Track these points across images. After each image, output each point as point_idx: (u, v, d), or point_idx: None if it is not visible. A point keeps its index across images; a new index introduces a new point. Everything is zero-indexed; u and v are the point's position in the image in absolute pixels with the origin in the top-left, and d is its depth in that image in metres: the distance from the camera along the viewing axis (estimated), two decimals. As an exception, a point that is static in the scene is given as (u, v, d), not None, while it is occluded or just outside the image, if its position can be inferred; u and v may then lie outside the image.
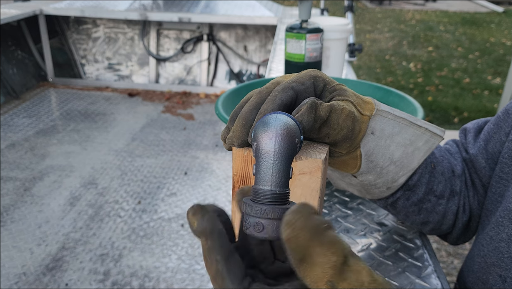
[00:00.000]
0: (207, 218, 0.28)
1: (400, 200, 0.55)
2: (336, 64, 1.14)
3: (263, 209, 0.29)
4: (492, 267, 0.53)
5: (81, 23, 3.57)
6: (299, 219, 0.25)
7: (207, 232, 0.27)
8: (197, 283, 1.59)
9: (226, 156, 2.51)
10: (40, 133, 2.71)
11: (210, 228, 0.27)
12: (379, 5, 9.75)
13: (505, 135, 0.57)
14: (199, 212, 0.28)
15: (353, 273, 0.25)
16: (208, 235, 0.27)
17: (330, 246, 0.25)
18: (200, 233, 0.28)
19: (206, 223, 0.28)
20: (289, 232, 0.25)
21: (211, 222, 0.28)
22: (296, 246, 0.25)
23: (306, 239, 0.25)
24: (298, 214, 0.25)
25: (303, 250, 0.25)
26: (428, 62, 5.28)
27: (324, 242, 0.25)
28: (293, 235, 0.25)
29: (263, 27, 3.37)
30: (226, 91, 0.74)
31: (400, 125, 0.47)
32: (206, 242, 0.27)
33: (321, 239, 0.25)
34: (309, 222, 0.25)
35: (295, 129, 0.31)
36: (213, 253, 0.27)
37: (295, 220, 0.25)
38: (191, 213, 0.28)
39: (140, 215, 1.96)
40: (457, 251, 2.02)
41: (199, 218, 0.28)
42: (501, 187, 0.56)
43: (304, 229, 0.25)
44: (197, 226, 0.28)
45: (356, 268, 0.25)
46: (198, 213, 0.28)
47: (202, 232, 0.27)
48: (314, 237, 0.25)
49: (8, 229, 1.84)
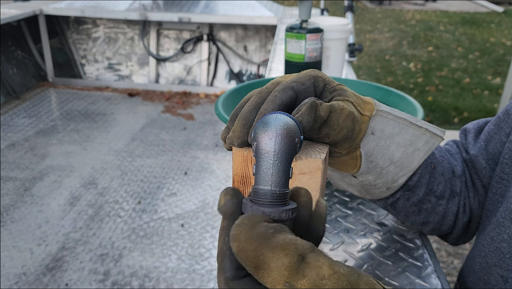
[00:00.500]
0: (234, 202, 0.29)
1: (400, 200, 0.55)
2: (336, 64, 1.14)
3: (263, 210, 0.29)
4: (493, 267, 0.53)
5: (81, 23, 3.57)
6: (242, 231, 0.26)
7: (228, 213, 0.29)
8: (197, 283, 1.59)
9: (226, 156, 2.51)
10: (40, 133, 2.71)
11: (231, 211, 0.29)
12: (379, 5, 9.75)
13: (506, 135, 0.57)
14: (230, 194, 0.30)
15: (312, 269, 0.25)
16: (227, 216, 0.29)
17: (280, 249, 0.25)
18: (222, 211, 0.29)
19: (230, 205, 0.29)
20: (236, 246, 0.26)
21: (235, 206, 0.29)
22: (246, 258, 0.26)
23: (254, 249, 0.26)
24: (241, 227, 0.26)
25: (255, 259, 0.26)
26: (428, 62, 5.28)
27: (274, 247, 0.25)
28: (240, 248, 0.26)
29: (263, 27, 3.37)
30: (226, 91, 0.74)
31: (400, 125, 0.47)
32: (223, 221, 0.29)
33: (270, 244, 0.25)
34: (254, 232, 0.26)
35: (295, 129, 0.31)
36: (224, 233, 0.29)
37: (239, 233, 0.26)
38: (224, 192, 0.30)
39: (140, 215, 1.96)
40: (457, 251, 2.02)
41: (227, 199, 0.29)
42: (502, 187, 0.56)
43: (249, 241, 0.26)
44: (222, 205, 0.29)
45: (316, 263, 0.25)
46: (229, 195, 0.30)
47: (224, 211, 0.29)
48: (262, 244, 0.25)
49: (8, 229, 1.84)
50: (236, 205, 0.29)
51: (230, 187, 0.30)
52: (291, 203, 0.31)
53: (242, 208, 0.30)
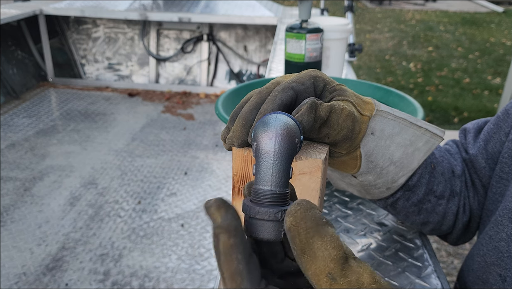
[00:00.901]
0: (231, 214, 0.26)
1: (400, 200, 0.55)
2: (336, 64, 1.14)
3: (264, 210, 0.29)
4: (492, 266, 0.53)
5: (81, 23, 3.57)
6: (300, 209, 0.26)
7: (231, 228, 0.26)
8: (197, 283, 1.59)
9: (226, 156, 2.51)
10: (40, 133, 2.71)
11: (235, 225, 0.26)
12: (379, 5, 9.75)
13: (505, 135, 0.57)
14: (223, 207, 0.27)
15: (354, 273, 0.25)
16: (232, 232, 0.26)
17: (330, 240, 0.25)
18: (223, 229, 0.26)
19: (231, 219, 0.26)
20: (290, 221, 0.26)
21: (235, 218, 0.27)
22: (297, 235, 0.26)
23: (306, 229, 0.25)
24: (299, 206, 0.26)
25: (304, 241, 0.25)
26: (428, 62, 5.28)
27: (324, 236, 0.25)
28: (294, 224, 0.26)
29: (263, 27, 3.37)
30: (226, 91, 0.74)
31: (400, 125, 0.47)
32: (229, 239, 0.26)
33: (321, 232, 0.25)
34: (309, 214, 0.26)
35: (295, 129, 0.31)
36: (235, 252, 0.26)
37: (297, 210, 0.26)
38: (214, 207, 0.27)
39: (140, 215, 1.96)
40: (457, 251, 2.02)
41: (223, 213, 0.26)
42: (501, 186, 0.56)
43: (304, 219, 0.26)
44: (221, 221, 0.26)
45: (358, 269, 0.25)
46: (222, 208, 0.26)
47: (226, 228, 0.26)
48: (314, 229, 0.25)
49: (8, 229, 1.84)
50: (236, 216, 0.27)
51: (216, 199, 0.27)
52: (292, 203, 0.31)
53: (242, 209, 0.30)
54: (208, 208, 0.27)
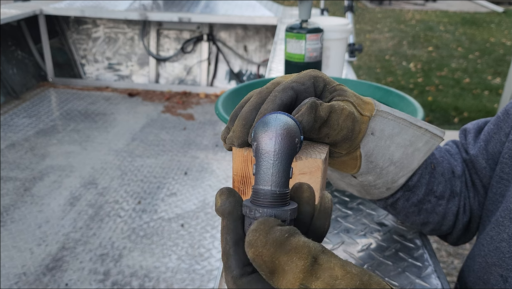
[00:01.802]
0: (230, 201, 0.30)
1: (400, 200, 0.55)
2: (336, 64, 1.14)
3: (264, 211, 0.29)
4: (493, 267, 0.53)
5: (81, 23, 3.57)
6: (259, 237, 0.26)
7: (225, 212, 0.29)
8: (197, 283, 1.59)
9: (226, 156, 2.51)
10: (40, 133, 2.71)
11: (229, 210, 0.29)
12: (379, 5, 9.75)
13: (505, 135, 0.57)
14: (226, 193, 0.30)
15: (325, 270, 0.26)
16: (226, 216, 0.29)
17: (295, 252, 0.26)
18: (219, 212, 0.30)
19: (227, 205, 0.30)
20: (252, 252, 0.26)
21: (232, 205, 0.30)
22: (263, 263, 0.26)
23: (270, 254, 0.26)
24: (257, 232, 0.26)
25: (271, 264, 0.26)
26: (428, 62, 5.28)
27: (288, 251, 0.26)
28: (257, 254, 0.26)
29: (263, 27, 3.37)
30: (226, 91, 0.74)
31: (400, 126, 0.47)
32: (223, 221, 0.30)
33: (285, 248, 0.26)
34: (270, 238, 0.26)
35: (295, 129, 0.31)
36: (225, 233, 0.29)
37: (256, 239, 0.26)
38: (219, 193, 0.30)
39: (140, 215, 1.96)
40: (457, 251, 2.02)
41: (223, 199, 0.30)
42: (502, 187, 0.56)
43: (265, 247, 0.26)
44: (219, 205, 0.30)
45: (328, 265, 0.26)
46: (225, 194, 0.30)
47: (221, 211, 0.29)
48: (278, 249, 0.26)
49: (8, 229, 1.84)
50: (233, 204, 0.30)
51: (224, 187, 0.31)
52: (292, 203, 0.31)
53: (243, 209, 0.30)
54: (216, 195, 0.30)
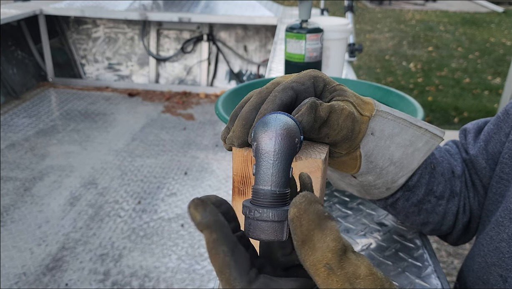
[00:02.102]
0: (209, 211, 0.28)
1: (399, 200, 0.55)
2: (336, 64, 1.14)
3: (264, 211, 0.29)
4: (492, 267, 0.53)
5: (81, 23, 3.57)
6: (304, 201, 0.27)
7: (210, 224, 0.27)
8: (197, 283, 1.59)
9: (226, 156, 2.51)
10: (40, 133, 2.71)
11: (214, 220, 0.27)
12: (379, 5, 9.75)
13: (505, 135, 0.57)
14: (200, 205, 0.28)
15: (351, 265, 0.26)
16: (212, 227, 0.27)
17: (330, 233, 0.26)
18: (204, 226, 0.27)
19: (209, 216, 0.27)
20: (294, 212, 0.27)
21: (214, 214, 0.28)
22: (299, 225, 0.26)
23: (308, 221, 0.26)
24: (304, 198, 0.27)
25: (305, 232, 0.26)
26: (428, 62, 5.28)
27: (324, 229, 0.26)
28: (297, 215, 0.26)
29: (263, 27, 3.37)
30: (226, 91, 0.74)
31: (400, 126, 0.47)
32: (211, 235, 0.27)
33: (322, 225, 0.26)
34: (312, 207, 0.27)
35: (295, 129, 0.31)
36: (219, 245, 0.27)
37: (301, 202, 0.27)
38: (192, 206, 0.28)
39: (140, 215, 1.96)
40: (457, 251, 2.02)
41: (201, 211, 0.27)
42: (502, 187, 0.56)
43: (307, 212, 0.26)
44: (200, 219, 0.27)
45: (355, 262, 0.26)
46: (200, 206, 0.28)
47: (206, 224, 0.27)
48: (316, 221, 0.26)
49: (8, 229, 1.84)
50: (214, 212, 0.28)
51: (195, 199, 0.28)
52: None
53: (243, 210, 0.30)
54: (188, 209, 0.28)
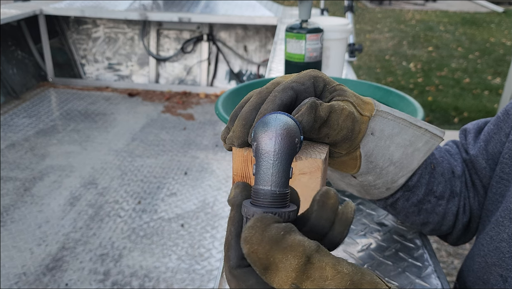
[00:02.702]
0: (243, 195, 0.30)
1: (399, 200, 0.55)
2: (336, 64, 1.14)
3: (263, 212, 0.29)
4: (492, 266, 0.53)
5: (81, 23, 3.57)
6: (255, 234, 0.26)
7: (235, 204, 0.30)
8: (197, 283, 1.59)
9: (226, 156, 2.51)
10: (40, 133, 2.71)
11: (238, 203, 0.30)
12: (379, 5, 9.75)
13: (505, 135, 0.57)
14: (240, 187, 0.31)
15: (316, 270, 0.26)
16: (234, 207, 0.30)
17: (290, 250, 0.26)
18: (230, 203, 0.30)
19: (239, 198, 0.30)
20: (247, 248, 0.26)
21: (243, 199, 0.30)
22: (257, 259, 0.26)
23: (265, 251, 0.26)
24: (253, 229, 0.26)
25: (265, 261, 0.26)
26: (428, 62, 5.28)
27: (283, 248, 0.26)
28: (252, 251, 0.26)
29: (263, 27, 3.37)
30: (226, 91, 0.74)
31: (400, 126, 0.47)
32: (231, 212, 0.30)
33: (280, 246, 0.26)
34: (266, 235, 0.26)
35: (295, 129, 0.31)
36: (231, 223, 0.30)
37: (251, 236, 0.26)
38: (235, 185, 0.31)
39: (140, 215, 1.96)
40: (457, 251, 2.02)
41: (237, 192, 0.30)
42: (502, 187, 0.56)
43: (261, 244, 0.26)
44: (232, 196, 0.30)
45: (319, 264, 0.26)
46: (239, 188, 0.31)
47: (232, 202, 0.30)
48: (273, 247, 0.26)
49: (8, 229, 1.84)
50: (245, 198, 0.30)
51: (241, 182, 0.31)
52: (291, 205, 0.31)
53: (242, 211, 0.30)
54: (232, 187, 0.31)
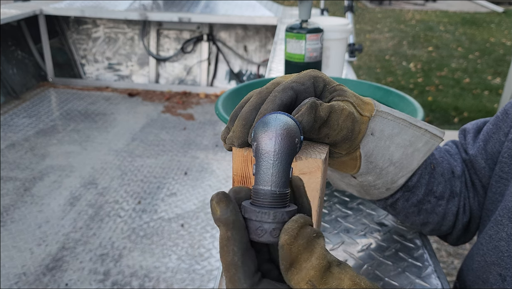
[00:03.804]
0: (231, 208, 0.28)
1: (399, 201, 0.55)
2: (336, 64, 1.14)
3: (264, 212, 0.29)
4: (492, 266, 0.53)
5: (81, 23, 3.57)
6: (296, 228, 0.27)
7: (229, 222, 0.28)
8: (197, 283, 1.59)
9: (226, 156, 2.51)
10: (40, 133, 2.71)
11: (233, 219, 0.28)
12: (379, 5, 9.75)
13: (504, 135, 0.57)
14: (224, 200, 0.28)
15: (335, 279, 0.27)
16: (230, 226, 0.28)
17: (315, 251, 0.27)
18: (222, 223, 0.28)
19: (229, 213, 0.28)
20: (286, 239, 0.27)
21: (235, 212, 0.28)
22: (289, 253, 0.27)
23: (298, 247, 0.27)
24: (296, 223, 0.27)
25: (294, 257, 0.27)
26: (428, 62, 5.28)
27: (311, 249, 0.27)
28: (288, 242, 0.27)
29: (263, 27, 3.37)
30: (226, 91, 0.74)
31: (400, 126, 0.47)
32: (226, 232, 0.28)
33: (310, 246, 0.27)
34: (303, 232, 0.27)
35: (295, 130, 0.31)
36: (231, 244, 0.28)
37: (293, 229, 0.27)
38: (215, 200, 0.28)
39: (140, 215, 1.96)
40: (457, 251, 2.03)
41: (223, 207, 0.28)
42: (501, 186, 0.56)
43: (297, 238, 0.27)
44: (220, 214, 0.28)
45: (339, 275, 0.27)
46: (223, 202, 0.28)
47: (224, 221, 0.28)
48: (304, 245, 0.27)
49: (8, 229, 1.84)
50: (235, 211, 0.28)
51: (220, 192, 0.29)
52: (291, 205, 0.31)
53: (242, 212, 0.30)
54: (211, 202, 0.28)
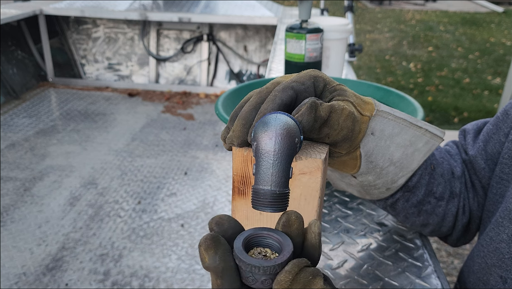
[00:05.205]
0: (220, 255, 0.27)
1: (399, 201, 0.55)
2: (336, 64, 1.14)
3: (254, 266, 0.27)
4: (492, 267, 0.53)
5: (81, 23, 3.57)
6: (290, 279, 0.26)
7: (218, 270, 0.27)
8: (197, 283, 1.59)
9: (226, 156, 2.51)
10: (40, 133, 2.71)
11: (222, 267, 0.27)
12: (379, 5, 9.75)
13: (504, 136, 0.57)
14: (212, 247, 0.27)
15: None
16: (219, 274, 0.27)
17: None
18: (211, 271, 0.27)
19: (218, 261, 0.27)
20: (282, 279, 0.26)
21: (223, 259, 0.27)
22: None
23: None
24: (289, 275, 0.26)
25: None
26: (428, 62, 5.28)
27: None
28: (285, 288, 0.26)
29: (263, 27, 3.37)
30: (226, 91, 0.74)
31: (400, 126, 0.47)
32: (216, 280, 0.27)
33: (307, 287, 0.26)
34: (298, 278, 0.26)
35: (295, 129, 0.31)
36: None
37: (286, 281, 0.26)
38: (203, 246, 0.27)
39: (140, 215, 1.96)
40: (457, 251, 2.02)
41: (212, 254, 0.27)
42: (502, 187, 0.56)
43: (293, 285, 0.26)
44: (208, 263, 0.27)
45: None
46: (211, 249, 0.27)
47: (214, 270, 0.27)
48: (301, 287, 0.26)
49: (8, 229, 1.84)
50: (224, 257, 0.27)
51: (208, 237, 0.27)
52: (286, 241, 0.29)
53: (234, 254, 0.28)
54: (199, 247, 0.27)
